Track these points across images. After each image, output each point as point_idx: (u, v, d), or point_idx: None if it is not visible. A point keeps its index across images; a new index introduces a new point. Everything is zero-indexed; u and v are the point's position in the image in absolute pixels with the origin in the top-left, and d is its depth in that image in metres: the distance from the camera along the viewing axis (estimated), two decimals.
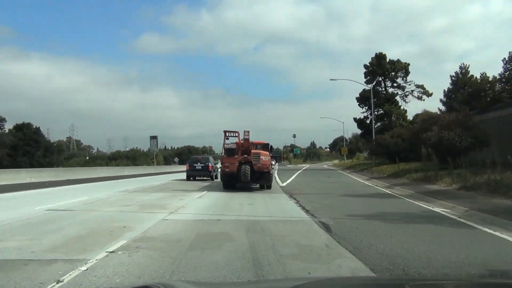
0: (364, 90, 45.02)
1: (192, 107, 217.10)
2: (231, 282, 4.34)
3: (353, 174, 34.14)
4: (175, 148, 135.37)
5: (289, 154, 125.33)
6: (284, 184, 22.40)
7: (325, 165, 79.99)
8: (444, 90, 36.18)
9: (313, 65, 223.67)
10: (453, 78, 35.68)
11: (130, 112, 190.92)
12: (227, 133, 18.41)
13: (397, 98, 44.34)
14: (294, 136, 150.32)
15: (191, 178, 25.95)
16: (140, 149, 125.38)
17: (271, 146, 21.98)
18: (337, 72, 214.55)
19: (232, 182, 18.00)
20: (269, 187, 18.41)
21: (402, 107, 44.14)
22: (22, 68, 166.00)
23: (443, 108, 33.79)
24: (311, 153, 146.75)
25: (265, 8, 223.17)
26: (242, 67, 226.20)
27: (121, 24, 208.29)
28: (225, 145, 18.45)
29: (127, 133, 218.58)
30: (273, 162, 28.83)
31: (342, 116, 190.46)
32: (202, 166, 25.98)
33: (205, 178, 26.08)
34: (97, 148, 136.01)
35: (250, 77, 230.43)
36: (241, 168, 17.11)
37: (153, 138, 42.39)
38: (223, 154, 19.03)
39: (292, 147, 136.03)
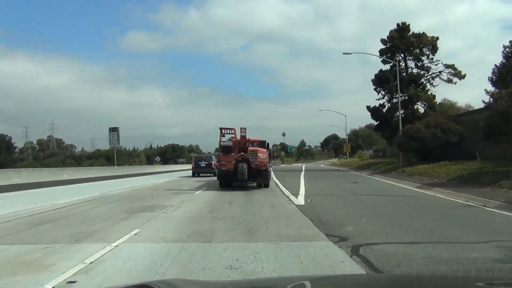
0: (381, 70, 36.03)
1: (180, 106, 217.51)
2: (231, 280, 4.13)
3: (381, 177, 25.02)
4: (160, 147, 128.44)
5: (280, 153, 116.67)
6: (300, 199, 13.09)
7: (322, 164, 72.40)
8: (495, 65, 27.48)
9: (302, 64, 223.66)
10: (507, 49, 27.02)
11: (117, 110, 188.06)
12: (223, 130, 18.05)
13: (423, 80, 35.25)
14: (284, 134, 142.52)
15: (196, 175, 28.65)
16: (126, 148, 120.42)
17: (268, 144, 21.13)
18: (326, 71, 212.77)
19: (229, 181, 17.62)
20: (266, 185, 17.93)
21: (430, 92, 35.08)
22: (6, 66, 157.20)
23: (491, 89, 25.12)
24: (304, 152, 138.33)
25: (254, 6, 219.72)
26: (230, 66, 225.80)
27: (108, 21, 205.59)
28: (221, 143, 17.88)
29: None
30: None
31: (332, 115, 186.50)
32: (206, 164, 28.65)
33: (208, 174, 27.96)
34: (82, 148, 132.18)
35: (238, 76, 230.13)
36: (238, 166, 16.60)
37: (113, 130, 31.36)
38: (219, 151, 18.67)
39: (282, 146, 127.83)
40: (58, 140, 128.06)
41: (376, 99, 37.49)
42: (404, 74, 35.60)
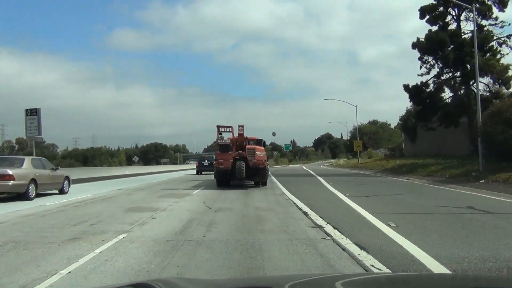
0: (430, 31, 25.19)
1: (168, 105, 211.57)
2: (231, 278, 4.03)
3: (468, 189, 14.04)
4: (142, 146, 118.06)
5: (273, 153, 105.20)
6: None
7: (322, 166, 62.63)
8: None
9: (291, 64, 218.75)
10: None
11: (104, 110, 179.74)
12: (220, 128, 17.50)
13: (494, 44, 24.27)
14: (274, 134, 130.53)
15: (199, 173, 32.87)
16: (109, 148, 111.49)
17: (264, 142, 20.33)
18: (315, 72, 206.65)
19: (227, 179, 17.31)
20: (264, 184, 17.57)
21: (500, 61, 24.14)
22: None
23: None
24: (298, 152, 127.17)
25: (243, 5, 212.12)
26: (219, 65, 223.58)
27: (94, 18, 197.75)
28: (219, 141, 17.43)
29: (99, 132, 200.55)
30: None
31: (322, 115, 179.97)
32: (208, 163, 31.38)
33: (211, 172, 26.37)
34: (67, 147, 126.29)
35: (227, 76, 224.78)
36: (236, 165, 16.29)
37: (31, 113, 19.92)
38: (216, 150, 18.35)
39: (273, 146, 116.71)
40: (38, 139, 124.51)
41: (418, 75, 26.60)
42: (465, 35, 24.72)
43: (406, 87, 27.00)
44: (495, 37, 24.31)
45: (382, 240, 5.76)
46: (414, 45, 25.95)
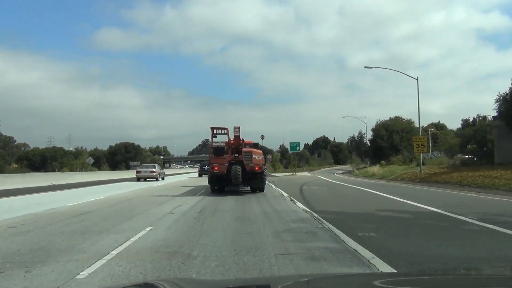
0: None
1: (154, 107, 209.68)
2: (231, 279, 4.06)
3: None
4: (111, 146, 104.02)
5: (267, 156, 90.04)
6: None
7: (341, 174, 47.95)
8: None
9: (279, 68, 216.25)
10: None
11: (88, 110, 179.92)
12: (214, 130, 16.48)
13: None
14: (263, 137, 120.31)
15: (201, 175, 36.22)
16: (85, 148, 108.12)
17: (260, 146, 20.00)
18: (303, 77, 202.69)
19: (221, 185, 16.53)
20: (261, 189, 16.66)
21: None
22: None
23: None
24: (297, 155, 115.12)
25: (233, 6, 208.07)
26: (207, 68, 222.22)
27: (79, 17, 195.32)
28: (213, 144, 16.91)
29: (82, 133, 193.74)
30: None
31: (309, 120, 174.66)
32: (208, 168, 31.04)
33: None
34: (39, 147, 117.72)
35: (214, 79, 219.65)
36: (232, 169, 15.31)
37: None
38: (210, 153, 17.28)
39: (264, 149, 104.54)
40: (7, 138, 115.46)
41: None
42: None
43: None
44: None
45: None
46: None
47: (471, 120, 64.15)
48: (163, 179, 33.04)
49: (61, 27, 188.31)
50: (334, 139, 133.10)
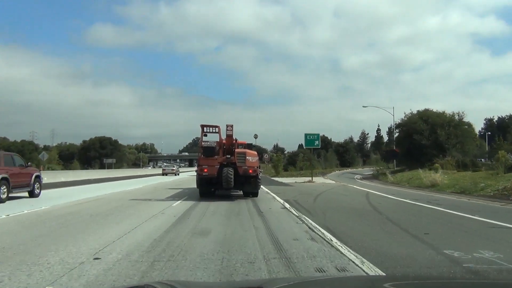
0: None
1: (147, 105, 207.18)
2: (227, 281, 4.03)
3: None
4: (84, 140, 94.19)
5: (263, 155, 74.50)
6: None
7: (362, 179, 38.90)
8: None
9: (273, 69, 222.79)
10: None
11: (81, 107, 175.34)
12: (205, 128, 15.27)
13: None
14: (256, 136, 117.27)
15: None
16: (66, 143, 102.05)
17: (254, 145, 18.85)
18: (298, 78, 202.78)
19: (211, 189, 15.51)
20: (255, 195, 15.60)
21: None
22: None
23: None
24: (315, 152, 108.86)
25: (228, 5, 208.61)
26: (200, 67, 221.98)
27: (72, 12, 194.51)
28: (202, 143, 15.28)
29: (71, 130, 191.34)
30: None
31: (300, 122, 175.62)
32: None
33: None
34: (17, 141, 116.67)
35: (208, 78, 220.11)
36: (223, 172, 14.20)
37: None
38: (200, 153, 15.78)
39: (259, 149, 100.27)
40: None
41: None
42: None
43: None
44: None
45: None
46: None
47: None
48: (178, 174, 48.85)
49: (53, 23, 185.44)
50: (331, 139, 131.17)
